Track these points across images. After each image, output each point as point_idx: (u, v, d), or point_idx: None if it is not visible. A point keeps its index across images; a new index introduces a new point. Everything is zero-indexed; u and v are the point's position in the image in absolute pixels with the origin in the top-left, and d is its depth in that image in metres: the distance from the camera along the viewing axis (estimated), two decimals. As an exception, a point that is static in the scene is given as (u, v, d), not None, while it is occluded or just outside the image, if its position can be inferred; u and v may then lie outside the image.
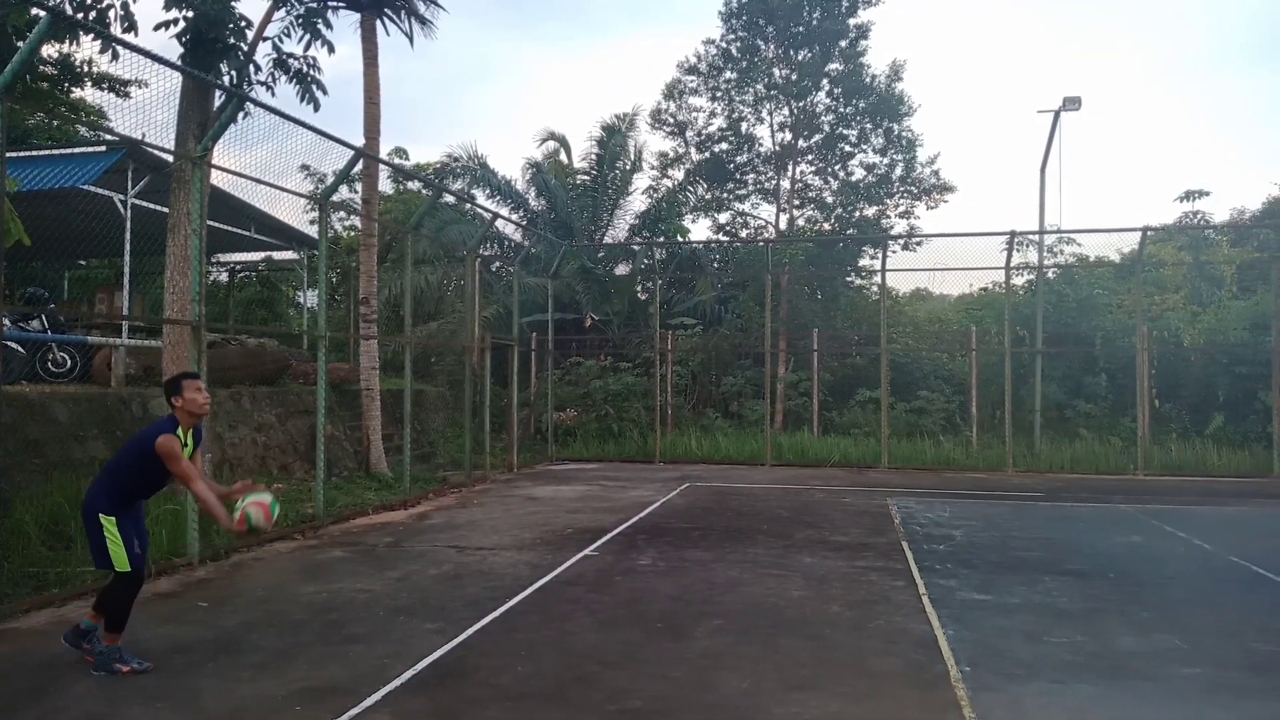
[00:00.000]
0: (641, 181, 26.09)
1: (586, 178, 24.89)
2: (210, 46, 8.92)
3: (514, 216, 23.97)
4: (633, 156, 24.91)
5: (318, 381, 10.38)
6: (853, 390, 19.05)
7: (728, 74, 23.16)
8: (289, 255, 19.84)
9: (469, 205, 22.44)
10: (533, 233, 23.32)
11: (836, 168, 23.25)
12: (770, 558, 8.25)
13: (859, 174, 23.10)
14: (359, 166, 12.29)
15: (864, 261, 23.11)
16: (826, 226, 23.20)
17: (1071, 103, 18.70)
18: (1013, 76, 76.94)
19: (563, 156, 26.56)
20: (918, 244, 22.32)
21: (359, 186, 16.39)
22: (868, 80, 22.29)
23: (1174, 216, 27.10)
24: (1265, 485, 13.95)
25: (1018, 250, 17.75)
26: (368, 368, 13.36)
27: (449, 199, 21.70)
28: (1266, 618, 6.31)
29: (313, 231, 15.45)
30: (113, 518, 4.98)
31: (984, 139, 68.22)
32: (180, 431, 5.14)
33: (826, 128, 22.87)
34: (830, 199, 23.32)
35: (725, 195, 24.06)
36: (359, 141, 12.68)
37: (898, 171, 22.90)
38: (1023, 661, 5.30)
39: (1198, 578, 7.63)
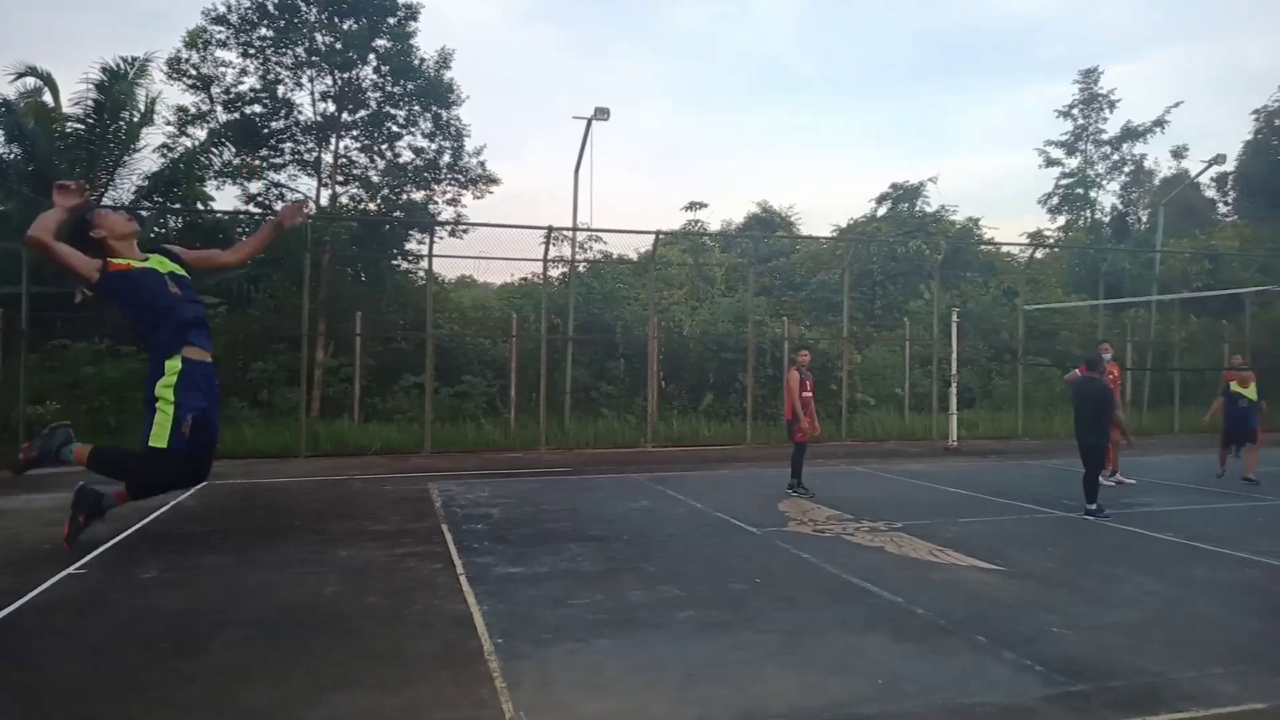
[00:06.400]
0: (155, 138, 22.84)
1: (80, 126, 20.91)
2: None
3: (-27, 163, 19.23)
4: (143, 108, 21.56)
5: None
6: (397, 375, 18.79)
7: (263, 30, 21.21)
8: None
9: (-98, 143, 17.48)
10: (2, 186, 18.94)
11: (384, 147, 22.67)
12: (303, 555, 7.72)
13: (407, 156, 22.83)
14: None
15: (411, 246, 22.92)
16: (372, 207, 22.54)
17: (601, 113, 20.45)
18: (555, 83, 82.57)
19: (48, 98, 21.96)
20: (464, 232, 22.80)
21: None
22: (417, 63, 22.08)
23: (680, 223, 31.40)
24: (742, 451, 16.83)
25: (554, 244, 19.04)
26: None
27: None
28: (741, 562, 7.56)
29: None
30: (170, 386, 4.11)
31: (527, 138, 72.16)
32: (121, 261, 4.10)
33: (373, 104, 22.17)
34: (377, 178, 22.67)
35: (258, 162, 22.02)
36: None
37: (445, 158, 23.07)
38: (550, 626, 5.64)
39: (692, 533, 8.87)
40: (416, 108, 22.45)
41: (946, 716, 4.25)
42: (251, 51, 21.28)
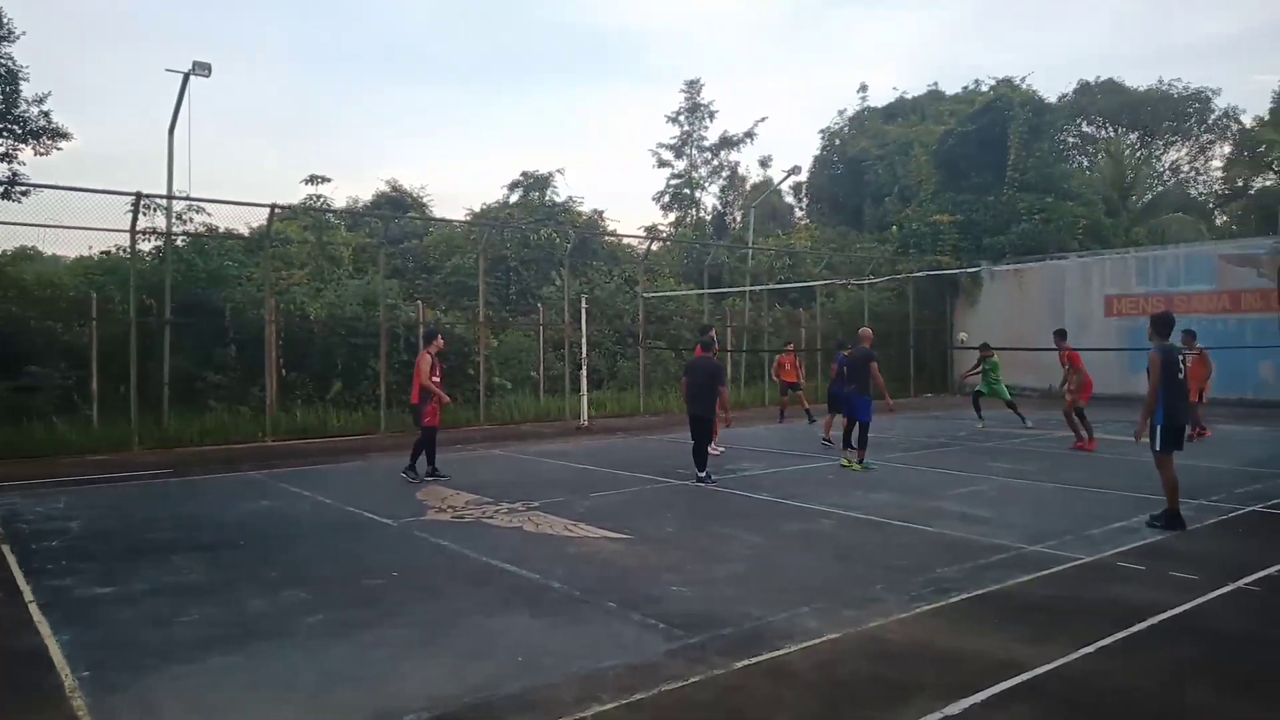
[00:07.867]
0: None
1: None
2: None
3: None
4: None
5: None
6: (-70, 367, 15.12)
7: None
8: None
9: None
10: None
11: (-100, 83, 18.06)
12: None
13: (-64, 97, 18.39)
14: None
15: (-53, 208, 18.56)
16: (-115, 157, 17.86)
17: (201, 68, 18.26)
18: (150, 33, 72.10)
19: None
20: (24, 194, 18.96)
21: None
22: (-52, -17, 17.84)
23: (300, 198, 29.10)
24: (376, 440, 16.13)
25: (145, 214, 16.64)
26: None
27: None
28: (374, 556, 7.23)
29: None
30: None
31: (114, 92, 62.26)
32: None
33: (-118, 28, 17.54)
34: (-109, 122, 18.00)
35: None
36: None
37: (-6, 104, 18.99)
38: (152, 649, 4.92)
39: (320, 531, 8.30)
40: (-50, 38, 18.19)
41: (581, 683, 4.42)
42: None
